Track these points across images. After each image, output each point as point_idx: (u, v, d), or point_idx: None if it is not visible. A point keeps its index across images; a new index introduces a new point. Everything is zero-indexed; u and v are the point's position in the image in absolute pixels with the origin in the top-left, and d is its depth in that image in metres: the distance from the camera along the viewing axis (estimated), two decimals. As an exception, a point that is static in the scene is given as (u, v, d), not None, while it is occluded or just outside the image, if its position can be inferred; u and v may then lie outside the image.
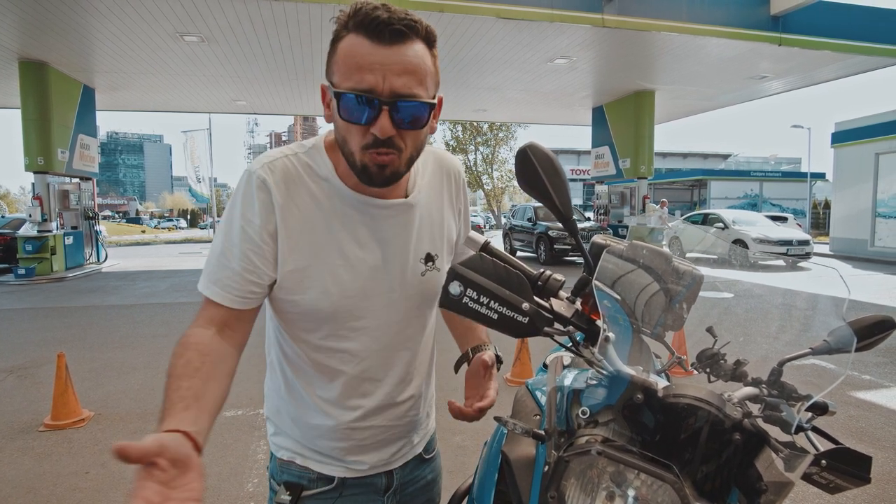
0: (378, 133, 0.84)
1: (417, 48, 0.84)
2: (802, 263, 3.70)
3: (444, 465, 1.37)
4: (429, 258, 1.04)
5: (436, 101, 0.90)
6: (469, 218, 1.20)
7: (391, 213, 0.98)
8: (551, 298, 0.89)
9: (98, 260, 14.84)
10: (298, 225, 0.93)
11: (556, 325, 0.86)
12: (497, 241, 16.11)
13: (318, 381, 1.02)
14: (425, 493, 1.21)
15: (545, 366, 1.56)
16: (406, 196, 1.00)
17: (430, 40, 0.88)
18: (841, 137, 18.24)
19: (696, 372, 1.11)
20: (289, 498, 1.03)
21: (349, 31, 0.84)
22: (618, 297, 0.92)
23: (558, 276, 0.91)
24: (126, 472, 3.19)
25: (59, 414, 3.85)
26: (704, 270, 1.04)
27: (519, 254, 16.38)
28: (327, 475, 1.06)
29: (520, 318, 0.80)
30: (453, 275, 0.80)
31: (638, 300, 0.97)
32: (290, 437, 1.07)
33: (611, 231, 16.08)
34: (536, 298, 0.84)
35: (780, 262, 1.43)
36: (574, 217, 0.92)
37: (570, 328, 0.87)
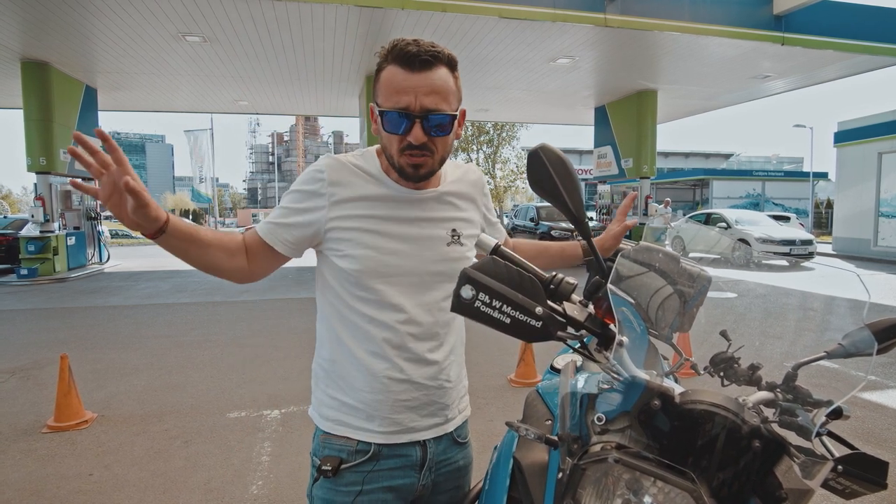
0: (413, 140, 1.06)
1: (441, 72, 1.07)
2: (805, 263, 3.68)
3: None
4: (454, 233, 1.23)
5: (458, 112, 1.12)
6: (493, 218, 1.38)
7: (424, 200, 1.19)
8: (564, 302, 0.88)
9: (100, 260, 14.87)
10: (348, 202, 1.15)
11: (569, 330, 0.85)
12: (499, 241, 16.01)
13: (363, 333, 1.17)
14: (457, 478, 1.30)
15: (553, 368, 1.55)
16: (437, 188, 1.23)
17: (451, 65, 1.10)
18: (844, 137, 18.18)
19: (702, 373, 1.09)
20: (329, 468, 1.15)
21: (388, 63, 1.07)
22: (632, 300, 0.90)
23: (571, 280, 0.89)
24: (130, 474, 3.18)
25: (62, 416, 3.84)
26: (710, 271, 1.02)
27: (521, 254, 16.34)
28: (365, 441, 1.17)
29: (533, 322, 0.79)
30: (465, 278, 0.79)
31: (651, 302, 0.96)
32: (335, 401, 1.20)
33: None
34: (549, 302, 0.83)
35: (784, 262, 1.42)
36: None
37: (584, 333, 0.85)
